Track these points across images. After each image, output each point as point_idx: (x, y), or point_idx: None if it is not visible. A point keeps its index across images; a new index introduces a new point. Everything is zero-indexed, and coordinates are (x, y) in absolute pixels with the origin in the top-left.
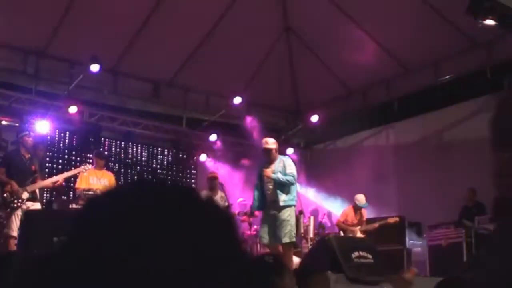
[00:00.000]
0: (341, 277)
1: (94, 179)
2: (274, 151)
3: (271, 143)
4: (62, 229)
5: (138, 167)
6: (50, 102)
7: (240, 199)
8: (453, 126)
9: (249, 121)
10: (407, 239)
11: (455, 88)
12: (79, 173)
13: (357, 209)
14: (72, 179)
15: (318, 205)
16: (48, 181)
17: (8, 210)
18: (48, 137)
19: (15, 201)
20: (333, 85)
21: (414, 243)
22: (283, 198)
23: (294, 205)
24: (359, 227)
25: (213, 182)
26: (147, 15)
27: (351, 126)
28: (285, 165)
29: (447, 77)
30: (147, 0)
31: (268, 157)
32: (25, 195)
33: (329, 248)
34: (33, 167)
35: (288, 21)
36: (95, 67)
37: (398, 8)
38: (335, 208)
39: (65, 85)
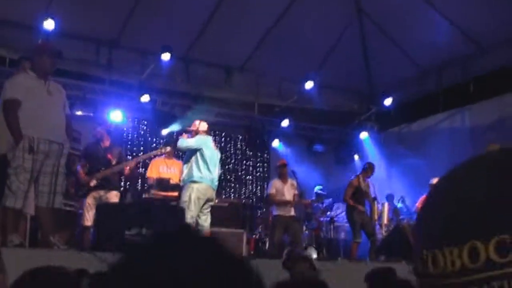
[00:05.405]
0: None
1: (164, 167)
2: None
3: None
4: (134, 222)
5: None
6: (123, 92)
7: (318, 187)
8: None
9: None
10: None
11: None
12: (154, 156)
13: None
14: (143, 169)
15: (392, 190)
16: (116, 167)
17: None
18: (124, 128)
19: (81, 188)
20: (406, 67)
21: None
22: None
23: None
24: None
25: (283, 169)
26: (217, 1)
27: (426, 108)
28: None
29: None
30: None
31: None
32: (93, 183)
33: (404, 236)
34: (109, 155)
35: (359, 3)
36: (166, 56)
37: None
38: (410, 193)
39: (137, 74)
